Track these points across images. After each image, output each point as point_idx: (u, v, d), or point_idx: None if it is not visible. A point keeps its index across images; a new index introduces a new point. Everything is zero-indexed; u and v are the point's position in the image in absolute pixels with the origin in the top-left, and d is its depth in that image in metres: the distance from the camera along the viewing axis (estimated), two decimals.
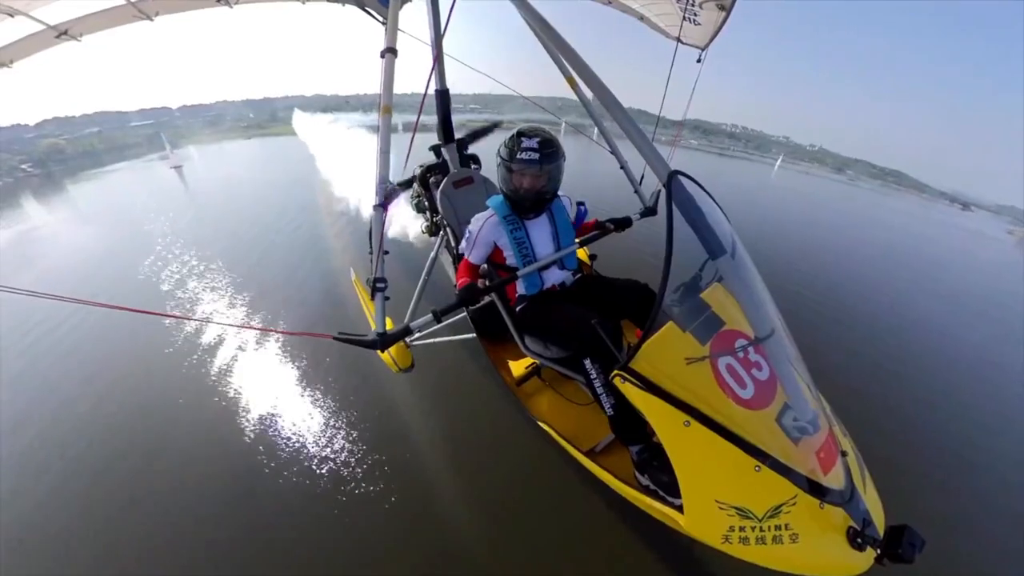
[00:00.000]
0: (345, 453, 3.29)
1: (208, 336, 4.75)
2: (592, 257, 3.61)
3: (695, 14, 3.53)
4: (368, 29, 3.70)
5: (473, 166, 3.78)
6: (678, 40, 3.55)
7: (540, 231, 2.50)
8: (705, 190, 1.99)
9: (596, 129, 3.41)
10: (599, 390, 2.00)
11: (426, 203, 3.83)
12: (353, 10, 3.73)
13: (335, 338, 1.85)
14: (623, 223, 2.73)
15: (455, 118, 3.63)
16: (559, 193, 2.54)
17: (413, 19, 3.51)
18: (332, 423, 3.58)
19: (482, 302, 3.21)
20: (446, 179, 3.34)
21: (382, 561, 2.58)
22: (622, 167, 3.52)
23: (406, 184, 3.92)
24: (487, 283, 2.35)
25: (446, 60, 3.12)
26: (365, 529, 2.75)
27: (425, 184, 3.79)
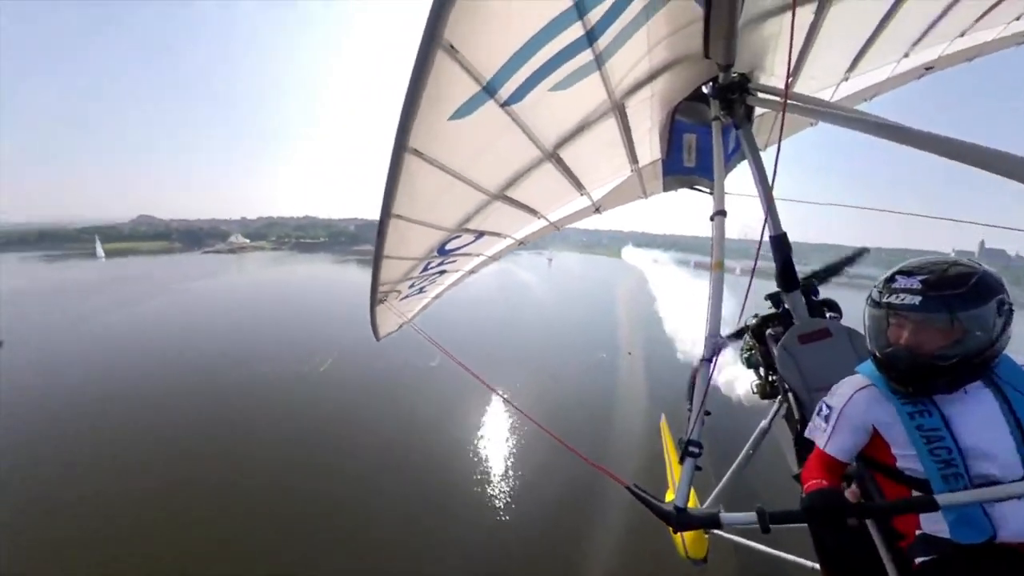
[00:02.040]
0: None
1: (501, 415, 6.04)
2: None
3: None
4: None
5: (830, 315, 3.06)
6: None
7: (977, 418, 1.49)
8: None
9: None
10: None
11: (759, 359, 3.24)
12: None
13: (629, 489, 1.72)
14: None
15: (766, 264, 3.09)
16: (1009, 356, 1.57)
17: (737, 179, 4.01)
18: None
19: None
20: (789, 331, 2.80)
21: None
22: None
23: (736, 335, 3.39)
24: (859, 494, 1.66)
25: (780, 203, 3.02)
26: None
27: (760, 337, 3.21)
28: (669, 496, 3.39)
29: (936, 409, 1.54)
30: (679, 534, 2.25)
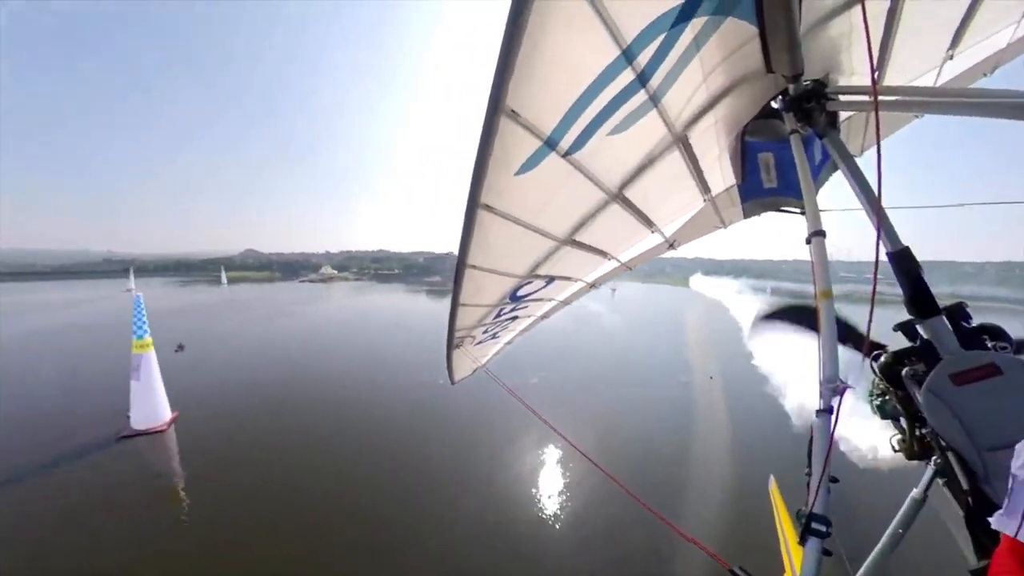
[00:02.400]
0: None
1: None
2: None
3: None
4: None
5: (997, 345, 2.38)
6: None
7: None
8: None
9: None
10: None
11: (898, 407, 2.57)
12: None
13: (733, 572, 1.55)
14: None
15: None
16: None
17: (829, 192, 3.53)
18: None
19: None
20: (937, 369, 2.20)
21: None
22: None
23: (873, 351, 2.67)
24: None
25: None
26: None
27: (894, 379, 2.54)
28: None
29: None
30: None
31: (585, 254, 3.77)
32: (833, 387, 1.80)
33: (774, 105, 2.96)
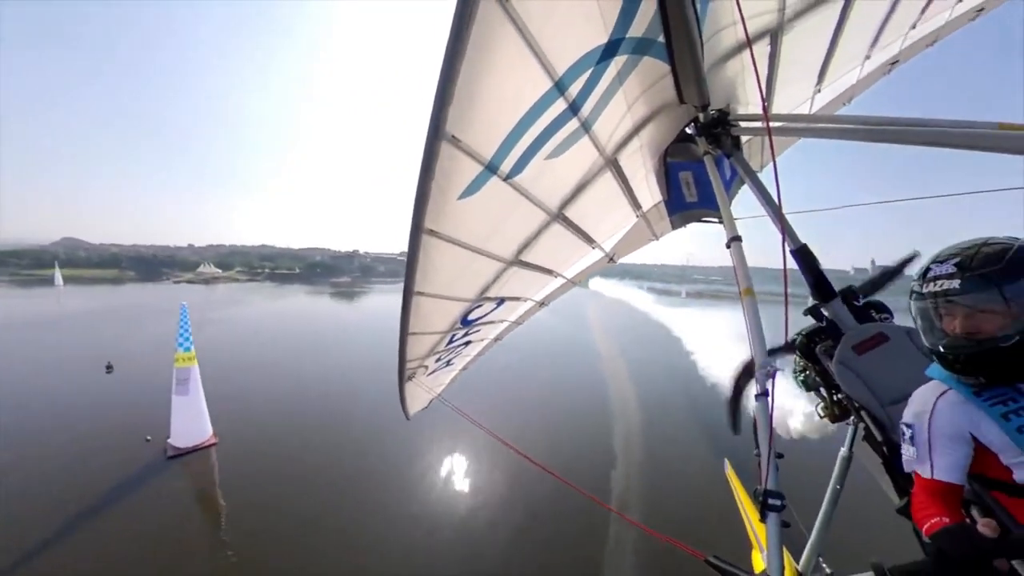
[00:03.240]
0: None
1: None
2: None
3: None
4: None
5: (881, 317, 2.84)
6: None
7: None
8: None
9: None
10: None
11: (817, 379, 2.93)
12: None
13: (708, 561, 1.59)
14: None
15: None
16: None
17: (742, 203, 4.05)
18: None
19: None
20: (841, 343, 2.57)
21: None
22: None
23: (786, 348, 3.08)
24: (997, 526, 1.27)
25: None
26: None
27: (810, 355, 2.94)
28: (756, 559, 2.87)
29: None
30: None
31: (532, 273, 3.86)
32: (766, 372, 1.98)
33: (688, 131, 3.32)
